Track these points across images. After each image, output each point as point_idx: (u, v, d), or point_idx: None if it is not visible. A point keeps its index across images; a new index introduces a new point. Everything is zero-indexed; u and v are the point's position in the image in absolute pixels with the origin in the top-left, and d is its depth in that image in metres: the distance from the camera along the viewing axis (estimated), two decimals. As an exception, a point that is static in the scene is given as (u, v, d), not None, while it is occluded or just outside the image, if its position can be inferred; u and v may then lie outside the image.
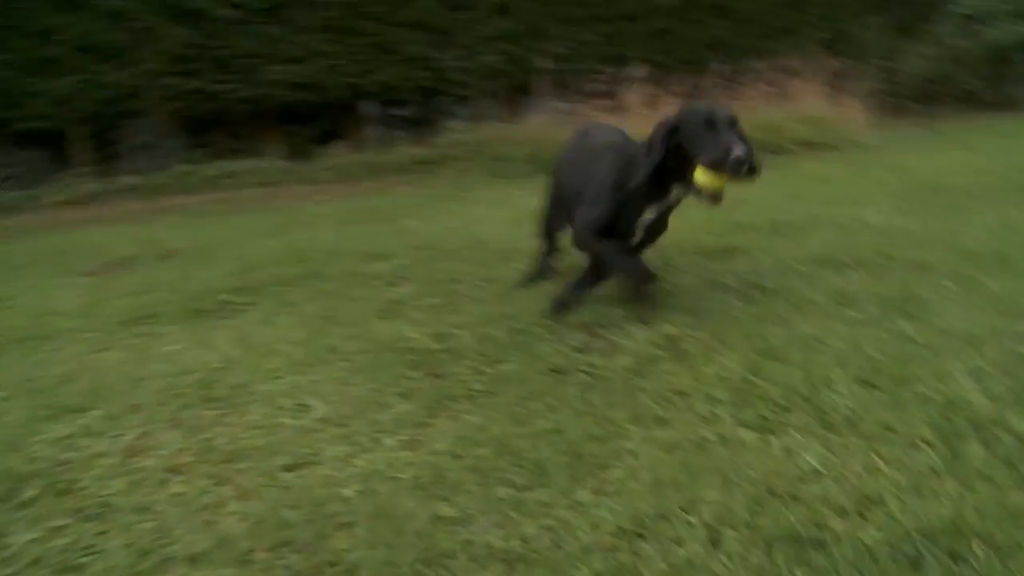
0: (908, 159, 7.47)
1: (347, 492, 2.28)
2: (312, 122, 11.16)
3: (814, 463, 2.23)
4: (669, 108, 9.30)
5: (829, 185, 6.42)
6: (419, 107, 11.30)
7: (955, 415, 2.44)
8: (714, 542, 1.92)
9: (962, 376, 2.70)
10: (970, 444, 2.27)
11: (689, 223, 5.06)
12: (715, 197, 3.15)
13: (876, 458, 2.24)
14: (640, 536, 1.97)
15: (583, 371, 2.99)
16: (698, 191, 3.17)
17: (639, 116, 9.03)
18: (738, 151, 3.02)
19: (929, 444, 2.30)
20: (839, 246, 4.42)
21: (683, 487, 2.15)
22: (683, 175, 3.23)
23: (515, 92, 10.55)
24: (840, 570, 1.77)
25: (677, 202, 3.45)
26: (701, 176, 3.12)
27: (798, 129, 9.02)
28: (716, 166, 3.09)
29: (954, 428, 2.37)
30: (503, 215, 6.02)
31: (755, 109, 9.59)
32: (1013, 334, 3.09)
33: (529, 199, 6.62)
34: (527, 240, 5.05)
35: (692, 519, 2.01)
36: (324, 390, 3.03)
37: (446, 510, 2.14)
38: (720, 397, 2.67)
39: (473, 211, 6.38)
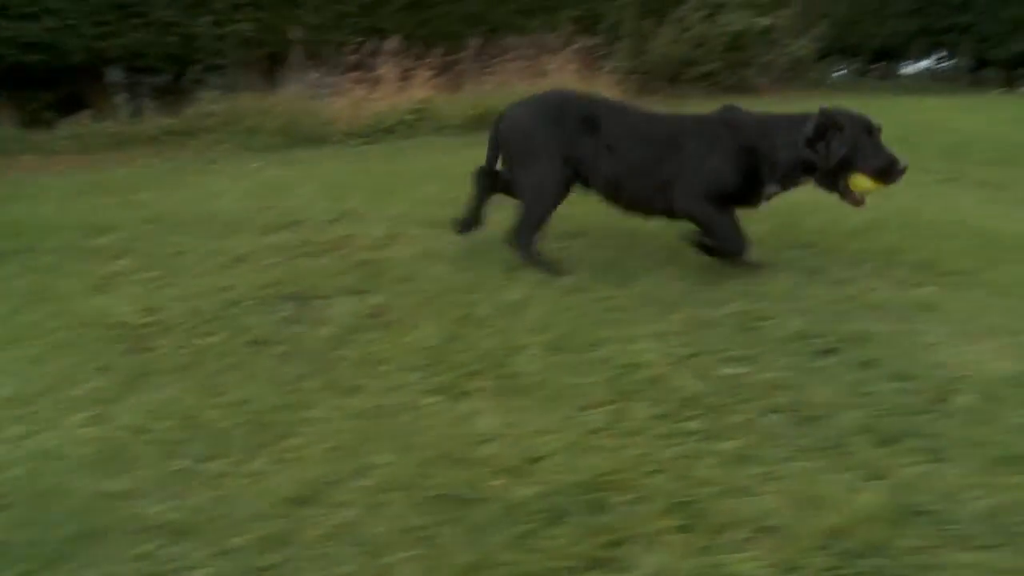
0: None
1: (12, 473, 2.19)
2: (51, 88, 10.44)
3: (492, 426, 2.33)
4: (424, 81, 9.37)
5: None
6: (171, 75, 10.81)
7: (631, 375, 2.62)
8: (377, 505, 1.97)
9: (647, 339, 2.90)
10: (637, 402, 2.45)
11: (429, 196, 5.14)
12: (862, 199, 3.52)
13: (552, 419, 2.37)
14: (307, 502, 2.00)
15: (285, 342, 2.99)
16: (849, 192, 3.51)
17: (393, 89, 9.05)
18: (904, 161, 3.41)
19: (604, 403, 2.46)
20: (567, 217, 4.58)
21: (359, 453, 2.20)
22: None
23: (271, 62, 10.28)
24: (486, 526, 1.87)
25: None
26: (862, 182, 3.45)
27: (548, 105, 9.28)
28: (884, 175, 3.44)
29: (626, 387, 2.54)
30: (243, 187, 5.86)
31: (509, 85, 9.78)
32: (701, 299, 3.34)
33: (271, 171, 6.52)
34: (261, 212, 4.96)
35: (361, 483, 2.07)
36: (16, 369, 2.89)
37: (116, 485, 2.10)
38: (414, 364, 2.74)
39: (214, 183, 6.18)
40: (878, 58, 17.89)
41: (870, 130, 3.49)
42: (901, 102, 11.91)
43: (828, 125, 3.46)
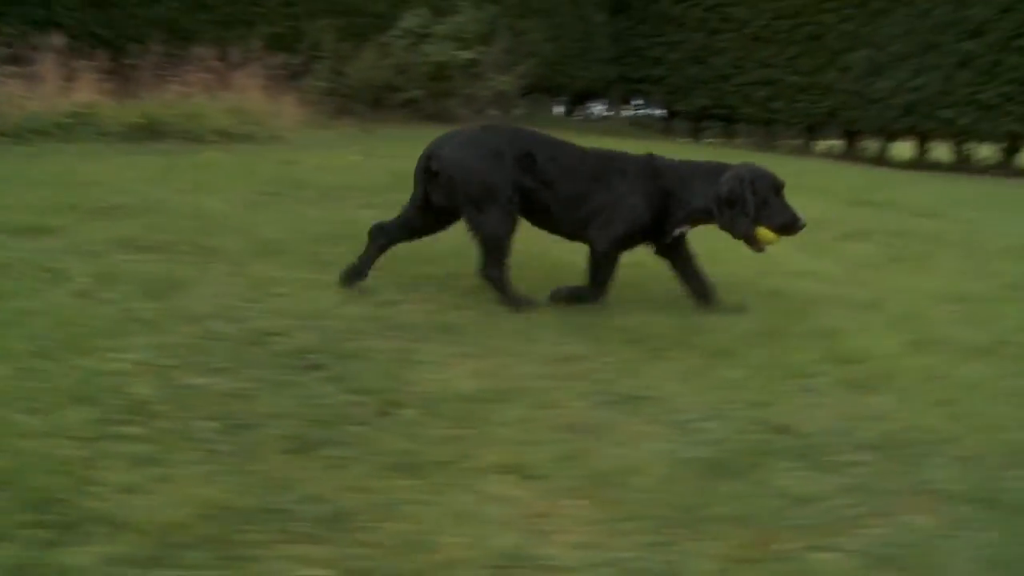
0: (309, 156, 7.95)
1: None
2: None
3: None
4: (91, 84, 9.02)
5: (206, 173, 6.58)
6: None
7: (96, 382, 2.69)
8: None
9: (141, 349, 2.99)
10: (85, 407, 2.52)
11: (9, 199, 5.01)
12: (764, 247, 3.93)
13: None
14: None
15: None
16: (754, 240, 3.88)
17: (55, 89, 8.68)
18: (804, 219, 3.87)
19: (51, 409, 2.50)
20: (154, 230, 4.61)
21: None
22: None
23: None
24: None
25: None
26: (766, 234, 3.85)
27: (223, 119, 9.15)
28: (786, 230, 3.87)
29: (84, 393, 2.61)
30: None
31: (190, 96, 9.63)
32: (232, 315, 3.47)
33: None
34: None
35: None
36: None
37: None
38: None
39: None
40: (581, 99, 18.96)
41: (777, 189, 3.92)
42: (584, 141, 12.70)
43: (740, 190, 3.85)
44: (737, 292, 4.45)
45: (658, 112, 19.27)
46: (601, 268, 4.07)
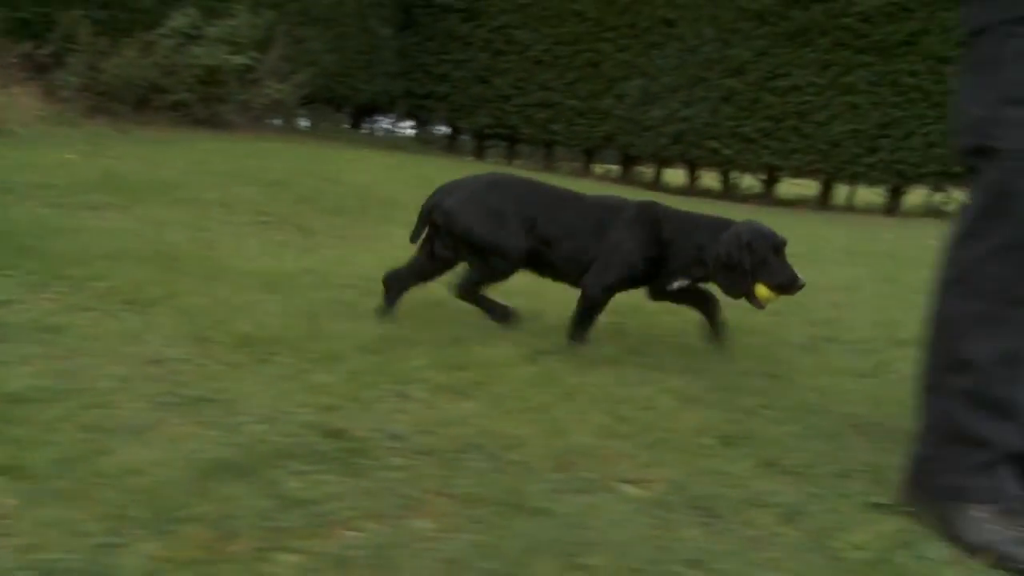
0: (20, 152, 7.57)
1: None
2: None
3: None
4: None
5: None
6: None
7: None
8: None
9: None
10: None
11: None
12: (763, 305, 3.96)
13: None
14: None
15: None
16: (753, 297, 3.93)
17: None
18: (803, 279, 3.87)
19: None
20: None
21: None
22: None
23: None
24: None
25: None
26: (764, 291, 3.90)
27: (-69, 107, 8.62)
28: (783, 289, 3.88)
29: None
30: None
31: None
32: None
33: None
34: None
35: None
36: None
37: None
38: None
39: None
40: (367, 112, 18.90)
41: (777, 248, 3.92)
42: (371, 155, 12.63)
43: (744, 240, 3.89)
44: (403, 302, 4.46)
45: (442, 129, 19.41)
46: (588, 313, 4.17)
